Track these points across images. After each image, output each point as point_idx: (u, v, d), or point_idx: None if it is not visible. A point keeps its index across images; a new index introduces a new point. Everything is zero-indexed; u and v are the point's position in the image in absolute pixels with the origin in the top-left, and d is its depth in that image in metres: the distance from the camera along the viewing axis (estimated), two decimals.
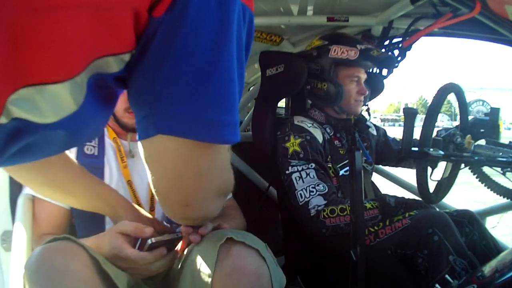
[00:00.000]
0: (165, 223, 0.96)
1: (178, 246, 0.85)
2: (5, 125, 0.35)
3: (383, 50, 1.55)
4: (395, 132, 1.65)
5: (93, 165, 1.02)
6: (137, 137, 0.46)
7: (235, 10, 0.40)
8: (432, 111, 1.10)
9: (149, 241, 0.77)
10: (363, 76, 1.43)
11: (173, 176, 0.48)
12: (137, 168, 1.06)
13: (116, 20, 0.35)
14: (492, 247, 1.32)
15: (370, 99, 1.54)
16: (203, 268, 0.77)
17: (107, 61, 0.37)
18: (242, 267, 0.75)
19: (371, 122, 1.66)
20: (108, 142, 1.08)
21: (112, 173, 1.04)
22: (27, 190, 1.00)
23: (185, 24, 0.37)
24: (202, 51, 0.39)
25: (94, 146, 1.05)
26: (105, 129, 1.10)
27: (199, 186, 0.51)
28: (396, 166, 1.74)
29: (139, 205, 1.02)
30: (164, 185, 0.50)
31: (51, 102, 0.36)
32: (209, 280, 0.74)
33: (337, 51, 1.37)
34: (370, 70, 1.51)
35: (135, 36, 0.38)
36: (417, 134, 1.09)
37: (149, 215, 0.95)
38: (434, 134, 1.12)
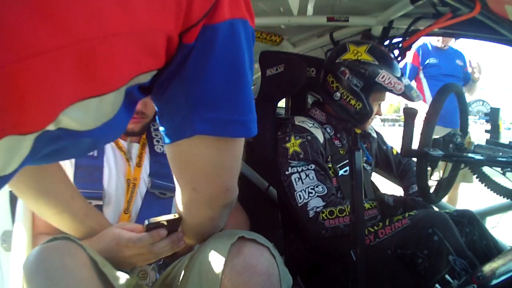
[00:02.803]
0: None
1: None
2: (51, 132, 0.40)
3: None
4: (395, 132, 1.65)
5: (93, 166, 1.02)
6: (165, 140, 0.56)
7: (249, 33, 0.52)
8: (432, 111, 1.10)
9: (146, 221, 0.77)
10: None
11: (214, 167, 0.59)
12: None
13: (153, 43, 0.44)
14: (492, 247, 1.32)
15: None
16: (212, 266, 0.76)
17: (143, 76, 0.46)
18: (254, 266, 0.75)
19: (371, 125, 1.66)
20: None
21: (111, 174, 1.04)
22: None
23: (214, 50, 0.48)
24: (229, 69, 0.50)
25: None
26: None
27: (235, 171, 0.63)
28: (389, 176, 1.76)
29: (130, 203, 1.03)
30: (206, 177, 0.60)
31: (98, 111, 0.43)
32: (219, 278, 0.74)
33: (385, 79, 1.32)
34: None
35: (166, 56, 0.47)
36: (417, 134, 1.09)
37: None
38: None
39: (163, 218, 0.78)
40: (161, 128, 0.56)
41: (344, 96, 1.38)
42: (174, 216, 0.77)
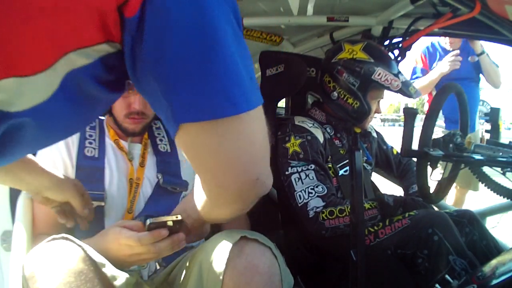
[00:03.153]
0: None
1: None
2: None
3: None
4: (395, 132, 1.65)
5: (94, 167, 1.02)
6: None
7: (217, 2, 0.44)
8: (432, 111, 1.10)
9: (148, 221, 0.76)
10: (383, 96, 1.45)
11: (227, 156, 0.50)
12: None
13: (74, 20, 0.40)
14: (492, 247, 1.32)
15: None
16: (214, 266, 0.76)
17: (77, 55, 0.42)
18: (256, 266, 0.75)
19: (371, 125, 1.66)
20: (109, 143, 1.08)
21: (112, 174, 1.04)
22: None
23: (168, 18, 0.42)
24: (193, 38, 0.43)
25: (94, 148, 1.05)
26: (106, 130, 1.10)
27: (258, 155, 0.52)
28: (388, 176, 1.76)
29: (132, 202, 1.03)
30: (224, 169, 0.51)
31: (21, 92, 0.40)
32: (220, 278, 0.74)
33: (381, 76, 1.33)
34: None
35: (112, 32, 0.42)
36: (417, 134, 1.09)
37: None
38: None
39: (165, 219, 0.77)
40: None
41: (341, 95, 1.39)
42: (177, 217, 0.77)
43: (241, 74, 0.46)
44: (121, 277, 0.75)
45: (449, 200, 2.67)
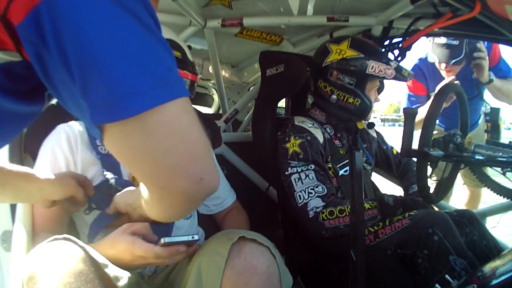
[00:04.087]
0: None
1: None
2: None
3: (383, 50, 1.55)
4: (395, 132, 1.65)
5: (111, 163, 1.02)
6: None
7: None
8: (432, 111, 1.10)
9: (163, 240, 0.76)
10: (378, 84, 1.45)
11: (158, 155, 0.46)
12: None
13: None
14: (492, 247, 1.32)
15: None
16: (212, 267, 0.76)
17: None
18: (254, 266, 0.75)
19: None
20: None
21: (127, 170, 1.04)
22: None
23: (60, 20, 0.40)
24: (84, 46, 0.41)
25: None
26: None
27: (195, 152, 0.49)
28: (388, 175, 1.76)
29: None
30: (162, 170, 0.48)
31: None
32: (219, 278, 0.74)
33: (375, 68, 1.34)
34: None
35: (3, 40, 0.42)
36: (417, 134, 1.09)
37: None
38: None
39: (181, 239, 0.77)
40: None
41: (340, 97, 1.39)
42: (193, 237, 0.77)
43: (152, 65, 0.44)
44: (122, 277, 0.75)
45: (461, 202, 2.61)
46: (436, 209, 1.68)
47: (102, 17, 0.42)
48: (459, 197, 2.58)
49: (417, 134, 1.06)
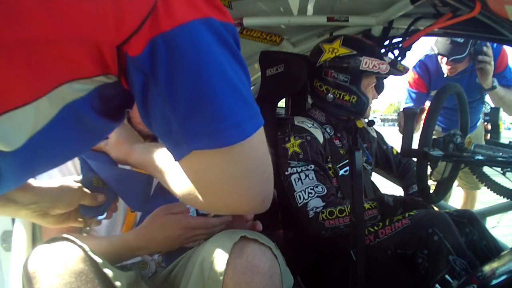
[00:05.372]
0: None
1: None
2: None
3: (383, 50, 1.55)
4: (395, 132, 1.65)
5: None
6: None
7: (217, 29, 0.46)
8: (432, 111, 1.10)
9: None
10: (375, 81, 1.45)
11: (232, 180, 0.52)
12: None
13: (67, 52, 0.40)
14: (492, 247, 1.32)
15: None
16: (214, 266, 0.76)
17: (70, 88, 0.42)
18: (256, 265, 0.75)
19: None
20: None
21: None
22: None
23: (173, 60, 0.44)
24: (197, 76, 0.45)
25: None
26: None
27: (262, 177, 0.54)
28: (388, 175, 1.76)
29: None
30: (228, 193, 0.53)
31: (13, 127, 0.41)
32: (221, 278, 0.74)
33: (369, 64, 1.34)
34: None
35: (109, 66, 0.44)
36: (417, 134, 1.09)
37: None
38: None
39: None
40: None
41: (336, 95, 1.39)
42: None
43: (248, 98, 0.48)
44: (122, 277, 0.75)
45: (457, 203, 2.61)
46: (436, 209, 1.69)
47: (215, 54, 0.46)
48: (455, 199, 2.58)
49: (417, 134, 1.06)
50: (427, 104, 2.24)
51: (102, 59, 0.43)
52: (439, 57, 2.04)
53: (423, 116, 1.32)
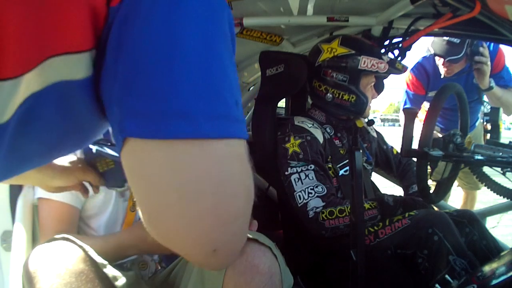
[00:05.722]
0: None
1: None
2: None
3: (383, 50, 1.55)
4: (395, 132, 1.65)
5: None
6: None
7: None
8: (432, 111, 1.10)
9: None
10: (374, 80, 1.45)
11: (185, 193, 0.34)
12: None
13: (60, 17, 0.31)
14: (492, 247, 1.32)
15: None
16: None
17: (62, 63, 0.33)
18: (256, 265, 0.75)
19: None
20: None
21: None
22: (37, 193, 0.99)
23: (140, 11, 0.33)
24: (163, 38, 0.33)
25: None
26: None
27: (229, 206, 0.37)
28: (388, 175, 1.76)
29: None
30: (172, 218, 0.35)
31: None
32: (221, 278, 0.74)
33: (367, 63, 1.34)
34: None
35: (97, 32, 0.34)
36: (417, 134, 1.09)
37: None
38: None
39: None
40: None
41: (335, 94, 1.39)
42: None
43: (221, 90, 0.35)
44: (122, 277, 0.75)
45: (457, 203, 2.62)
46: (436, 209, 1.69)
47: (202, 18, 0.35)
48: (455, 199, 2.59)
49: (417, 134, 1.06)
50: (425, 105, 2.25)
51: (96, 26, 0.33)
52: (436, 58, 2.05)
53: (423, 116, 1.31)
